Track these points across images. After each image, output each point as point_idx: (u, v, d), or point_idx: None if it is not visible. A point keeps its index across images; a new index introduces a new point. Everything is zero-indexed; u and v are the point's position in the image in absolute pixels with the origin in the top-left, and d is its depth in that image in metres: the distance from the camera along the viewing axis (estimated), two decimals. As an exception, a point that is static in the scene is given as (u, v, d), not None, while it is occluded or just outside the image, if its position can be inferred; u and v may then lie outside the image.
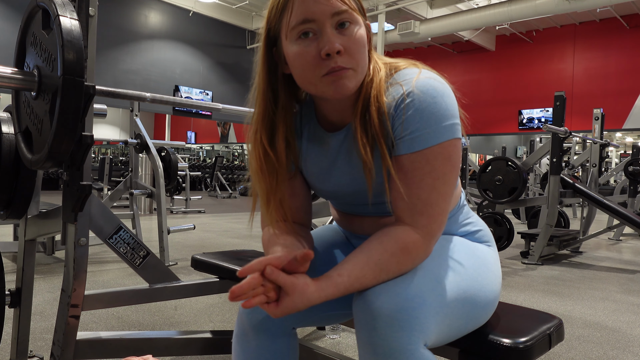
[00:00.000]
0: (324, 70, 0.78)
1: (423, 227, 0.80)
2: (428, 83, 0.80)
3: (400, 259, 0.78)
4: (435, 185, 0.79)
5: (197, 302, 2.49)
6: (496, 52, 14.65)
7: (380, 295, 0.75)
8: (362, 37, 0.81)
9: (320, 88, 0.81)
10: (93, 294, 1.31)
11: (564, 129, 3.91)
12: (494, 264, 0.97)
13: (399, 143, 0.80)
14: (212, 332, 1.54)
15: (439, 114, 0.78)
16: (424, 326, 0.74)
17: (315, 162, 0.94)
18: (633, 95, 12.39)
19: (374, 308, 0.74)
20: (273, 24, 0.84)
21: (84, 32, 1.16)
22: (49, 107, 1.07)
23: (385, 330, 0.72)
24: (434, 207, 0.80)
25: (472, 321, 0.87)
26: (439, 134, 0.79)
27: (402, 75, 0.83)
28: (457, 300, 0.81)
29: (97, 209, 1.32)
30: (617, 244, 5.40)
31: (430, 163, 0.79)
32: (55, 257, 3.53)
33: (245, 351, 0.93)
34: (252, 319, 0.92)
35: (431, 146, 0.78)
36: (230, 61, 13.77)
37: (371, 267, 0.76)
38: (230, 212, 8.35)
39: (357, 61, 0.80)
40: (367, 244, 0.80)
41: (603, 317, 2.48)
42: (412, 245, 0.79)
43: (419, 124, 0.78)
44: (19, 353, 1.51)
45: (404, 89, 0.80)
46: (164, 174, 3.69)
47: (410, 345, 0.72)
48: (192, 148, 21.91)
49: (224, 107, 1.95)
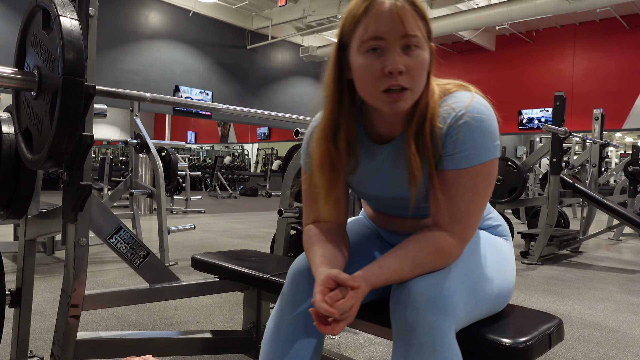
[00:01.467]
0: (384, 86, 0.85)
1: (458, 233, 0.90)
2: (478, 109, 0.89)
3: (435, 257, 0.88)
4: (474, 199, 0.90)
5: (197, 302, 2.49)
6: (496, 52, 14.65)
7: (421, 284, 0.85)
8: (425, 61, 0.87)
9: (377, 102, 0.88)
10: (93, 294, 1.31)
11: (563, 129, 3.91)
12: (511, 257, 1.07)
13: (448, 159, 0.89)
14: (212, 332, 1.55)
15: (485, 136, 0.88)
16: (456, 312, 0.84)
17: (361, 168, 1.02)
18: (633, 95, 12.38)
19: (417, 292, 0.84)
20: (346, 32, 0.90)
21: (84, 32, 1.16)
22: (49, 107, 1.07)
23: (426, 311, 0.82)
24: (471, 217, 0.90)
25: (491, 310, 0.97)
26: (484, 154, 0.88)
27: (453, 98, 0.91)
28: (481, 291, 0.92)
29: (97, 209, 1.32)
30: (617, 244, 5.40)
31: (473, 179, 0.89)
32: (55, 257, 3.53)
33: (277, 327, 0.97)
34: (292, 300, 0.97)
35: (476, 165, 0.88)
36: (230, 61, 13.76)
37: (409, 262, 0.87)
38: (230, 212, 8.36)
39: (415, 82, 0.86)
40: (406, 243, 0.91)
41: (603, 317, 2.48)
42: (447, 248, 0.89)
43: (468, 144, 0.87)
44: (19, 353, 1.51)
45: (456, 112, 0.88)
46: (164, 174, 3.69)
47: (445, 327, 0.82)
48: (192, 148, 21.91)
49: (224, 107, 1.95)
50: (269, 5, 13.14)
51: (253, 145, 20.75)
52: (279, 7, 12.89)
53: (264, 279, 1.37)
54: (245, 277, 1.44)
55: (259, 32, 14.00)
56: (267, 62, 14.72)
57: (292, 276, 0.98)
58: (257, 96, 14.34)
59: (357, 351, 1.89)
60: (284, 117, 2.23)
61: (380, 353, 1.87)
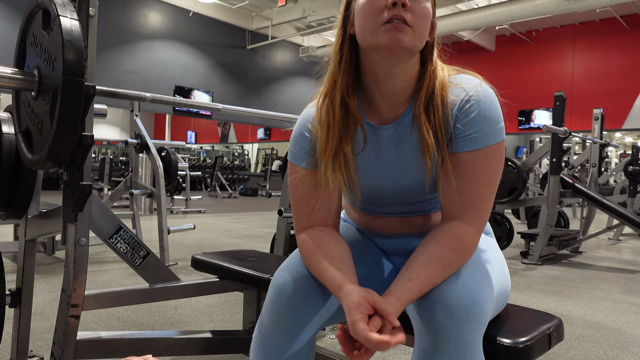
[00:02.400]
0: (386, 17, 0.84)
1: (475, 219, 0.87)
2: (489, 90, 0.90)
3: (459, 252, 0.84)
4: (490, 182, 0.88)
5: (197, 302, 2.49)
6: (496, 52, 14.65)
7: (455, 289, 0.80)
8: (428, 11, 0.87)
9: (376, 37, 0.85)
10: (93, 294, 1.31)
11: (563, 129, 3.91)
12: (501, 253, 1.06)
13: (461, 141, 0.87)
14: (212, 332, 1.55)
15: (496, 117, 0.88)
16: (487, 319, 0.81)
17: (362, 155, 0.96)
18: (633, 95, 12.39)
19: (451, 300, 0.78)
20: None
21: (84, 32, 1.16)
22: (49, 107, 1.07)
23: (462, 321, 0.77)
24: (486, 201, 0.88)
25: (498, 310, 0.95)
26: (497, 134, 0.87)
27: (461, 79, 0.91)
28: (497, 292, 0.89)
29: (97, 209, 1.32)
30: (617, 244, 5.40)
31: (488, 160, 0.87)
32: (55, 257, 3.53)
33: (265, 347, 0.91)
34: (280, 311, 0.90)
35: (490, 145, 0.87)
36: (230, 61, 13.77)
37: (435, 264, 0.82)
38: (230, 212, 8.36)
39: (418, 23, 0.85)
40: (424, 245, 0.86)
41: (603, 317, 2.48)
42: (468, 238, 0.86)
43: (482, 125, 0.86)
44: (19, 353, 1.51)
45: (467, 92, 0.88)
46: (164, 174, 3.69)
47: (477, 337, 0.78)
48: (192, 148, 21.91)
49: (224, 107, 1.95)
50: (269, 5, 13.14)
51: (253, 145, 20.76)
52: (279, 7, 12.90)
53: (264, 279, 1.37)
54: (245, 277, 1.44)
55: (259, 32, 14.00)
56: (267, 62, 14.72)
57: (279, 290, 0.89)
58: (257, 96, 14.35)
59: (357, 351, 1.88)
60: (284, 117, 2.23)
61: (380, 353, 1.87)
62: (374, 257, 1.03)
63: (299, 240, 0.96)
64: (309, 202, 0.95)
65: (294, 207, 0.98)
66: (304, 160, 0.96)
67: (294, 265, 0.93)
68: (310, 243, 0.92)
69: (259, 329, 0.91)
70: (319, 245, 0.91)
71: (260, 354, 0.89)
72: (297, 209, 0.97)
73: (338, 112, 0.92)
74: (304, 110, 1.02)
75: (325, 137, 0.92)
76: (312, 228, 0.95)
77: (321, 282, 0.88)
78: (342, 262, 0.88)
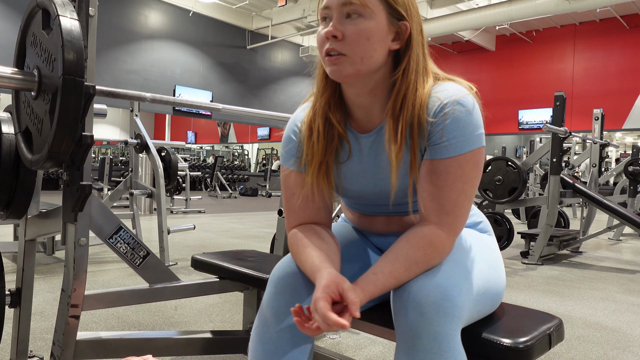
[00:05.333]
0: (324, 51, 0.89)
1: (448, 225, 0.88)
2: (465, 98, 0.89)
3: (427, 253, 0.85)
4: (463, 189, 0.88)
5: (197, 302, 2.49)
6: (496, 52, 14.65)
7: (424, 286, 0.82)
8: (366, 30, 0.87)
9: (326, 67, 0.91)
10: (93, 294, 1.31)
11: (563, 129, 3.91)
12: (499, 253, 1.06)
13: (435, 148, 0.88)
14: (212, 332, 1.55)
15: (472, 124, 0.87)
16: (462, 313, 0.81)
17: (345, 163, 1.00)
18: (633, 95, 12.39)
19: (420, 297, 0.80)
20: None
21: (84, 32, 1.16)
22: (49, 107, 1.07)
23: (432, 316, 0.79)
24: (460, 208, 0.88)
25: (489, 308, 0.96)
26: (472, 142, 0.88)
27: (441, 88, 0.91)
28: (481, 288, 0.90)
29: (97, 209, 1.31)
30: (617, 244, 5.40)
31: (462, 168, 0.87)
32: (55, 257, 3.53)
33: (264, 341, 0.92)
34: (276, 310, 0.91)
35: (464, 153, 0.87)
36: (230, 61, 13.76)
37: (401, 261, 0.85)
38: (230, 212, 8.35)
39: (352, 49, 0.87)
40: (396, 244, 0.88)
41: (603, 317, 2.48)
42: (438, 241, 0.86)
43: (455, 132, 0.87)
44: (19, 353, 1.51)
45: (442, 101, 0.88)
46: (164, 174, 3.69)
47: (452, 331, 0.79)
48: (192, 148, 21.91)
49: (224, 107, 1.95)
50: (269, 5, 13.14)
51: (253, 145, 20.76)
52: (279, 7, 12.89)
53: (264, 279, 1.37)
54: (245, 277, 1.44)
55: (259, 32, 14.00)
56: (267, 62, 14.72)
57: (276, 284, 0.92)
58: (257, 96, 14.34)
59: (357, 351, 1.89)
60: (284, 117, 2.23)
61: (380, 353, 1.87)
62: (367, 254, 1.06)
63: (288, 236, 1.00)
64: (298, 202, 1.00)
65: (285, 206, 1.03)
66: (291, 161, 1.01)
67: (292, 260, 0.96)
68: (298, 236, 0.97)
69: (257, 323, 0.93)
70: (304, 238, 0.95)
71: (259, 347, 0.91)
72: (288, 208, 1.02)
73: (322, 127, 0.96)
74: (295, 113, 1.06)
75: (310, 150, 0.97)
76: (301, 225, 1.00)
77: (304, 271, 0.91)
78: (324, 250, 0.91)
